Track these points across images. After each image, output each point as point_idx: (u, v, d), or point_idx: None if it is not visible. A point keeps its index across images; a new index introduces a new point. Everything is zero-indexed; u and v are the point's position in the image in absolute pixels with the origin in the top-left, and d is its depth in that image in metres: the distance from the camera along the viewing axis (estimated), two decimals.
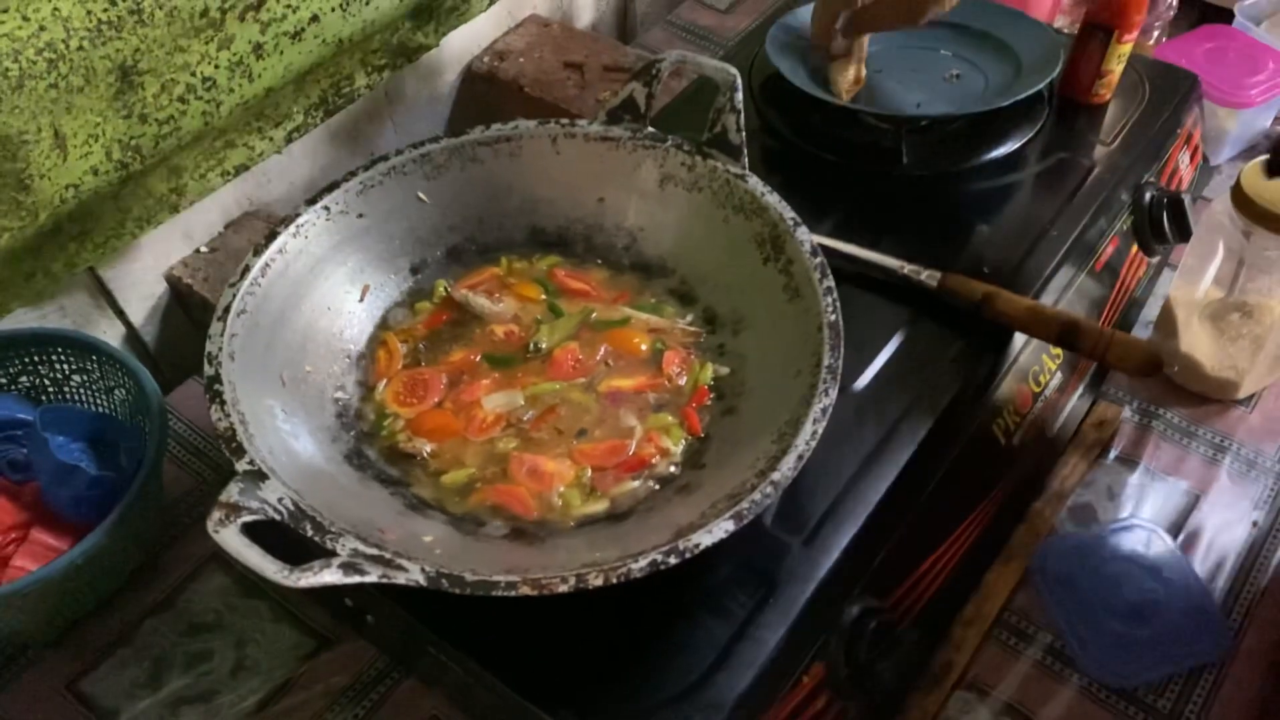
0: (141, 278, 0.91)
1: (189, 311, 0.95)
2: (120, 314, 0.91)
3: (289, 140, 0.92)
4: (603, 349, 0.72)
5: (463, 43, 1.11)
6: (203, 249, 0.95)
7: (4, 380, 0.78)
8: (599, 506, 0.64)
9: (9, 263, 0.76)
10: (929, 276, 0.76)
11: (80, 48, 0.71)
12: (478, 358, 0.72)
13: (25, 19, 0.67)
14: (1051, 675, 0.74)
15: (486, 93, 1.13)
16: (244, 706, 0.70)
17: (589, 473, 0.65)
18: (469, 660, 0.61)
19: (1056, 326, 0.72)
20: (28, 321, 0.84)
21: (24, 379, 0.79)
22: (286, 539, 0.54)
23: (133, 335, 0.93)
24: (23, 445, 0.76)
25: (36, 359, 0.78)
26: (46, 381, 0.79)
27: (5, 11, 0.66)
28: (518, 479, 0.65)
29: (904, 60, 0.92)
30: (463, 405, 0.69)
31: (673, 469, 0.66)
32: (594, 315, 0.74)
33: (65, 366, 0.78)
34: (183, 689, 0.71)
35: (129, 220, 0.83)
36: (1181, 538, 0.80)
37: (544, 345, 0.72)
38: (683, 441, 0.67)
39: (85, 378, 0.79)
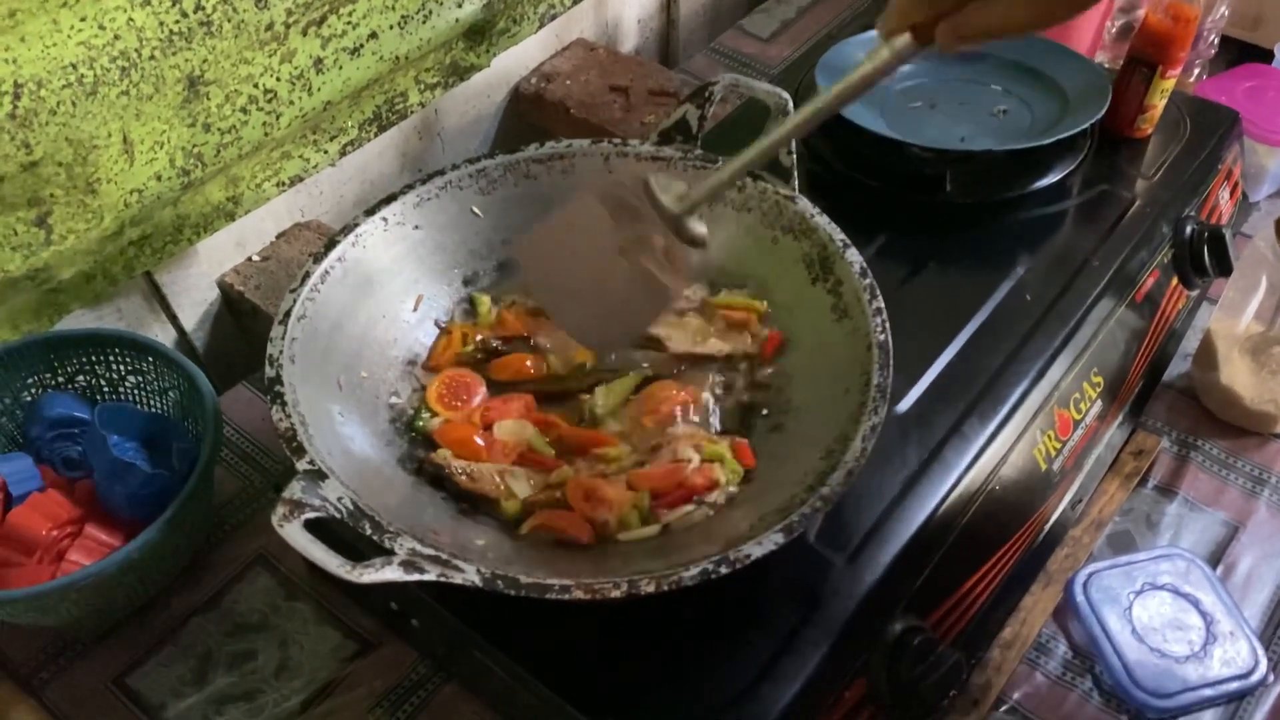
0: (195, 283, 0.93)
1: (239, 318, 0.97)
2: (173, 318, 0.93)
3: (343, 153, 0.94)
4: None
5: (511, 64, 1.13)
6: (255, 257, 0.97)
7: (62, 379, 0.80)
8: (653, 531, 0.65)
9: (71, 264, 0.78)
10: (901, 44, 0.54)
11: (152, 57, 0.73)
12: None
13: (102, 27, 0.69)
14: (1088, 701, 0.74)
15: (533, 113, 1.15)
16: (287, 706, 0.71)
17: (648, 499, 0.66)
18: (514, 664, 0.62)
19: None
20: (85, 322, 0.86)
21: (81, 378, 0.80)
22: (336, 537, 0.55)
23: (184, 339, 0.95)
24: (78, 443, 0.78)
25: (94, 359, 0.80)
26: (103, 381, 0.80)
27: (83, 20, 0.68)
28: (576, 504, 0.65)
29: (955, 93, 0.94)
30: (489, 421, 0.70)
31: (727, 495, 0.66)
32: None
33: (121, 367, 0.80)
34: (227, 687, 0.72)
35: (187, 227, 0.85)
36: (1220, 568, 0.80)
37: (599, 411, 0.72)
38: (738, 474, 0.67)
39: (140, 379, 0.80)
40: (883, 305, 0.67)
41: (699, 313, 0.75)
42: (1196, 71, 1.09)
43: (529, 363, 0.74)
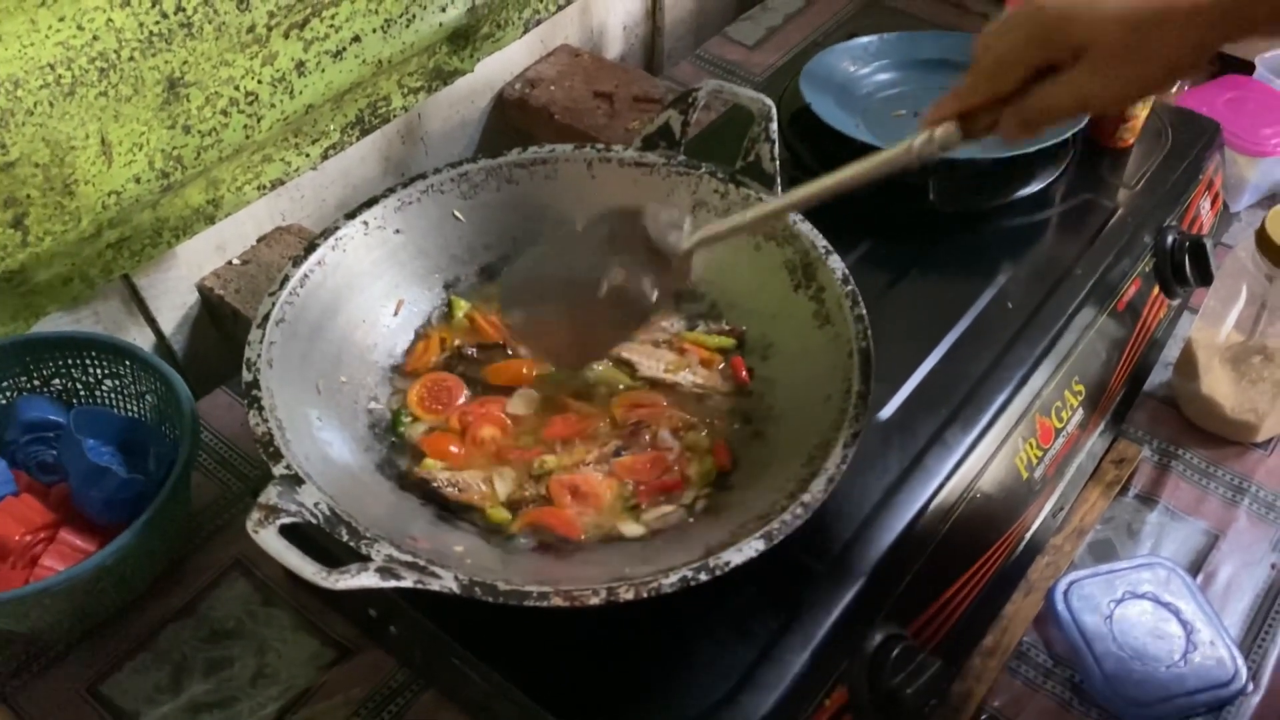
0: (174, 287, 0.92)
1: (218, 322, 0.96)
2: (151, 321, 0.92)
3: (324, 157, 0.93)
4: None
5: (496, 69, 1.12)
6: (235, 261, 0.96)
7: (37, 382, 0.79)
8: (636, 531, 0.64)
9: (48, 266, 0.78)
10: (942, 132, 0.60)
11: (131, 58, 0.72)
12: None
13: (80, 28, 0.69)
14: (1068, 710, 0.74)
15: (517, 118, 1.15)
16: (263, 714, 0.70)
17: (631, 487, 0.66)
18: (492, 672, 0.61)
19: None
20: (62, 325, 0.85)
21: (56, 381, 0.79)
22: (314, 543, 0.54)
23: (162, 343, 0.94)
24: (53, 447, 0.77)
25: (70, 362, 0.79)
26: (79, 385, 0.80)
27: (61, 20, 0.68)
28: (561, 501, 0.65)
29: None
30: (468, 426, 0.70)
31: (703, 495, 0.66)
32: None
33: (98, 370, 0.79)
34: (202, 695, 0.71)
35: (166, 230, 0.84)
36: (1200, 577, 0.80)
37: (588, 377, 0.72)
38: (709, 476, 0.67)
39: (117, 382, 0.79)
40: (864, 312, 0.66)
41: (671, 346, 0.75)
42: (1178, 82, 1.10)
43: (525, 370, 0.73)
